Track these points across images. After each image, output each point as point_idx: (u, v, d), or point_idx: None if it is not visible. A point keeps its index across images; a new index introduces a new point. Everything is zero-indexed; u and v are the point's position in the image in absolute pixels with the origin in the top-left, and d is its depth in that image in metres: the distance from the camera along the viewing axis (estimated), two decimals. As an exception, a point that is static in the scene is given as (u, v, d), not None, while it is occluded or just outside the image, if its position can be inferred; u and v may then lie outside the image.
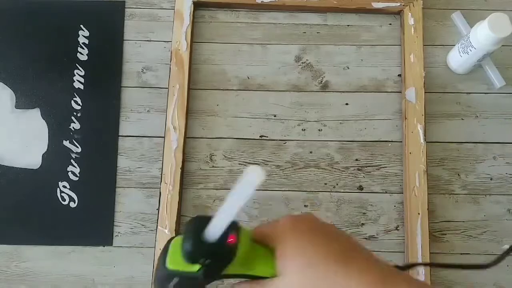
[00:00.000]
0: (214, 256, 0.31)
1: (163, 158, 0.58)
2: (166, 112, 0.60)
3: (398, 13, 0.64)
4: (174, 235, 0.56)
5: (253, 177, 0.29)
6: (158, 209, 0.57)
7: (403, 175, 0.59)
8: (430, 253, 0.56)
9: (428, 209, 0.57)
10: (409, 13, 0.63)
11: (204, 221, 0.31)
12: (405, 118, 0.60)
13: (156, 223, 0.57)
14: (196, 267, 0.31)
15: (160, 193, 0.57)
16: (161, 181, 0.58)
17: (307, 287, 0.30)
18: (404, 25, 0.63)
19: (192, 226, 0.32)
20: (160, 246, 0.56)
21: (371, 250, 0.58)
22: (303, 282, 0.30)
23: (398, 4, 0.63)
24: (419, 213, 0.57)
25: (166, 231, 0.56)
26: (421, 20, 0.63)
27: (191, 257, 0.31)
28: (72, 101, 0.61)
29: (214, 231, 0.31)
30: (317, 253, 0.30)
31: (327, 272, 0.30)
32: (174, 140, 0.59)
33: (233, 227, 0.31)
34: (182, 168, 0.58)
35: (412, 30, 0.62)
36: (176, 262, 0.31)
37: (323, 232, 0.32)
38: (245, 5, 0.64)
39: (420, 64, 0.61)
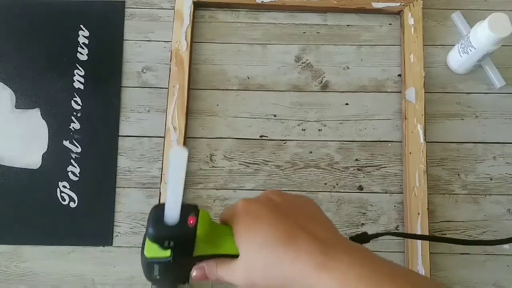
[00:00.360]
0: (177, 237, 0.34)
1: (163, 158, 0.58)
2: (166, 112, 0.60)
3: (398, 13, 0.64)
4: None
5: (177, 159, 0.31)
6: None
7: (403, 175, 0.59)
8: (430, 253, 0.56)
9: (428, 209, 0.57)
10: (409, 13, 0.63)
11: (162, 208, 0.34)
12: (405, 118, 0.60)
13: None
14: (168, 252, 0.34)
15: (160, 193, 0.57)
16: (161, 181, 0.58)
17: (261, 267, 0.32)
18: (404, 25, 0.63)
19: (153, 214, 0.34)
20: None
21: (371, 250, 0.58)
22: (257, 262, 0.32)
23: (398, 4, 0.63)
24: (419, 213, 0.57)
25: None
26: (421, 20, 0.63)
27: (157, 241, 0.34)
28: (72, 101, 0.61)
29: (171, 214, 0.34)
30: (266, 234, 0.32)
31: (276, 253, 0.31)
32: (174, 140, 0.59)
33: (193, 210, 0.34)
34: None
35: (412, 30, 0.62)
36: (152, 250, 0.35)
37: (273, 212, 0.33)
38: (245, 5, 0.64)
39: (420, 64, 0.61)
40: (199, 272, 0.37)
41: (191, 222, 0.34)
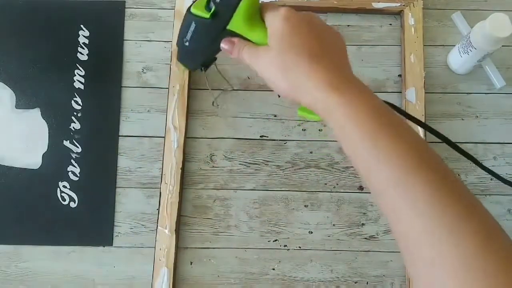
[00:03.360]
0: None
1: (163, 158, 0.58)
2: (166, 112, 0.60)
3: (399, 13, 0.64)
4: (174, 235, 0.56)
5: None
6: (158, 209, 0.57)
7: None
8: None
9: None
10: (409, 14, 0.63)
11: None
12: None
13: (156, 223, 0.57)
14: (208, 14, 0.39)
15: (160, 193, 0.57)
16: (161, 181, 0.58)
17: (283, 66, 0.35)
18: (404, 26, 0.63)
19: None
20: (161, 246, 0.56)
21: (371, 250, 0.58)
22: (282, 60, 0.35)
23: (398, 4, 0.63)
24: (419, 213, 0.57)
25: (166, 231, 0.56)
26: (421, 20, 0.63)
27: None
28: (72, 101, 0.61)
29: None
30: (299, 45, 0.35)
31: (301, 62, 0.34)
32: (174, 140, 0.59)
33: None
34: (182, 168, 0.58)
35: (413, 30, 0.62)
36: (198, 7, 0.39)
37: (311, 32, 0.36)
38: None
39: (420, 65, 0.61)
40: (227, 44, 0.40)
41: None
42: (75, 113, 0.61)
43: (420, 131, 0.59)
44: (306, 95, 0.34)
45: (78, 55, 0.63)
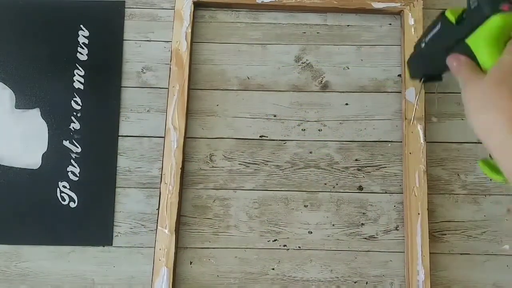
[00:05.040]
0: (479, 6, 0.36)
1: (163, 158, 0.58)
2: (166, 112, 0.60)
3: (398, 13, 0.64)
4: (174, 235, 0.56)
5: None
6: (158, 209, 0.57)
7: (403, 175, 0.59)
8: (430, 253, 0.56)
9: (428, 209, 0.57)
10: (409, 13, 0.62)
11: None
12: (405, 118, 0.60)
13: (156, 223, 0.57)
14: (454, 19, 0.38)
15: (160, 193, 0.57)
16: (161, 181, 0.58)
17: (481, 102, 0.33)
18: (404, 25, 0.62)
19: None
20: (160, 246, 0.56)
21: (371, 250, 0.58)
22: (486, 96, 0.33)
23: (398, 4, 0.63)
24: (419, 213, 0.57)
25: (166, 231, 0.56)
26: (421, 20, 0.62)
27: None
28: (72, 101, 0.61)
29: None
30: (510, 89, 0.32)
31: (499, 104, 0.32)
32: (174, 140, 0.59)
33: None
34: (182, 168, 0.58)
35: (412, 30, 0.62)
36: (451, 13, 0.39)
37: None
38: (245, 5, 0.64)
39: (420, 64, 0.61)
40: (454, 59, 0.38)
41: (504, 8, 0.34)
42: (74, 113, 0.61)
43: (420, 131, 0.59)
44: (497, 134, 0.32)
45: (78, 55, 0.63)
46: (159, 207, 0.57)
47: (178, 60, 0.61)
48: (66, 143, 0.60)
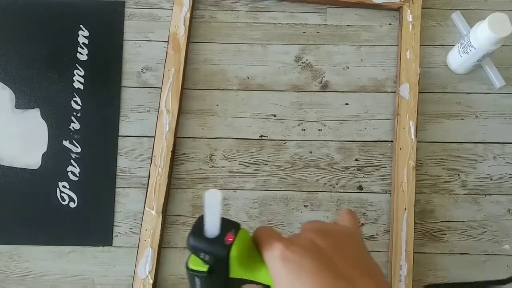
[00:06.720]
0: (211, 252, 0.33)
1: (154, 140, 0.58)
2: (160, 95, 0.59)
3: (398, 9, 0.64)
4: (161, 216, 0.56)
5: (213, 199, 0.31)
6: (146, 190, 0.57)
7: (392, 171, 0.59)
8: (429, 253, 0.56)
9: (428, 209, 0.57)
10: (408, 10, 0.62)
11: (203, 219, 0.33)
12: (398, 114, 0.60)
13: (144, 203, 0.57)
14: (206, 267, 0.33)
15: (149, 174, 0.57)
16: (151, 163, 0.58)
17: None
18: (403, 22, 0.62)
19: (197, 222, 0.34)
20: (146, 227, 0.56)
21: (371, 250, 0.58)
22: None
23: (398, 0, 0.63)
24: (405, 209, 0.57)
25: (153, 212, 0.56)
26: (420, 17, 0.62)
27: (194, 252, 0.33)
28: (72, 101, 0.61)
29: (211, 228, 0.33)
30: (303, 285, 0.30)
31: None
32: (167, 123, 0.59)
33: (233, 227, 0.33)
34: (173, 151, 0.58)
35: (410, 27, 0.62)
36: (195, 262, 0.34)
37: (315, 262, 0.31)
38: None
39: (416, 61, 0.61)
40: None
41: (230, 239, 0.32)
42: (74, 113, 0.61)
43: (412, 127, 0.59)
44: None
45: (78, 55, 0.63)
46: (147, 188, 0.57)
47: (175, 44, 0.61)
48: (66, 143, 0.60)
